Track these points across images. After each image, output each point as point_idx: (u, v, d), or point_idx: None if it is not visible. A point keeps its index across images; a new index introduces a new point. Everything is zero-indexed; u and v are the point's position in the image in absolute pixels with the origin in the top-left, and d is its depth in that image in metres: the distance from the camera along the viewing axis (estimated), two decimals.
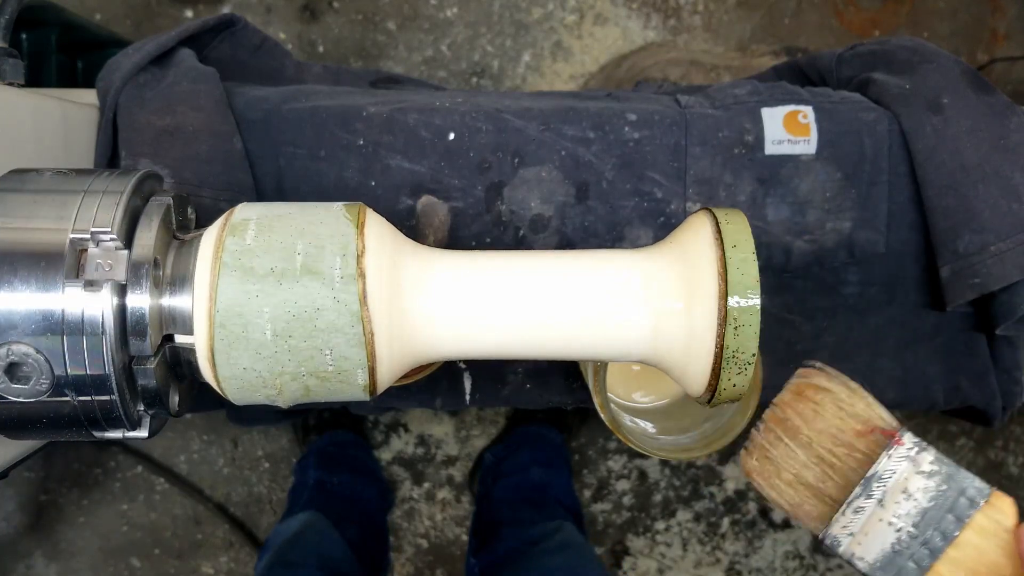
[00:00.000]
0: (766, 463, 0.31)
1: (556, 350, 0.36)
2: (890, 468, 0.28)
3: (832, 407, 0.29)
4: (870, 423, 0.29)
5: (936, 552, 0.28)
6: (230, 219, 0.34)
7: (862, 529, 0.28)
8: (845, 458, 0.29)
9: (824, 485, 0.29)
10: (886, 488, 0.28)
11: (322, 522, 0.93)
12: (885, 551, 0.28)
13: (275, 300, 0.33)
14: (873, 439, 0.29)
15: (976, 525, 0.28)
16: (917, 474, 0.28)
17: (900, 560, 0.28)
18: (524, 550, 0.86)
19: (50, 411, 0.33)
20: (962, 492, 0.28)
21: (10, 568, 1.25)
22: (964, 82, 0.55)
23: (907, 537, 0.28)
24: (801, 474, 0.29)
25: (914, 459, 0.28)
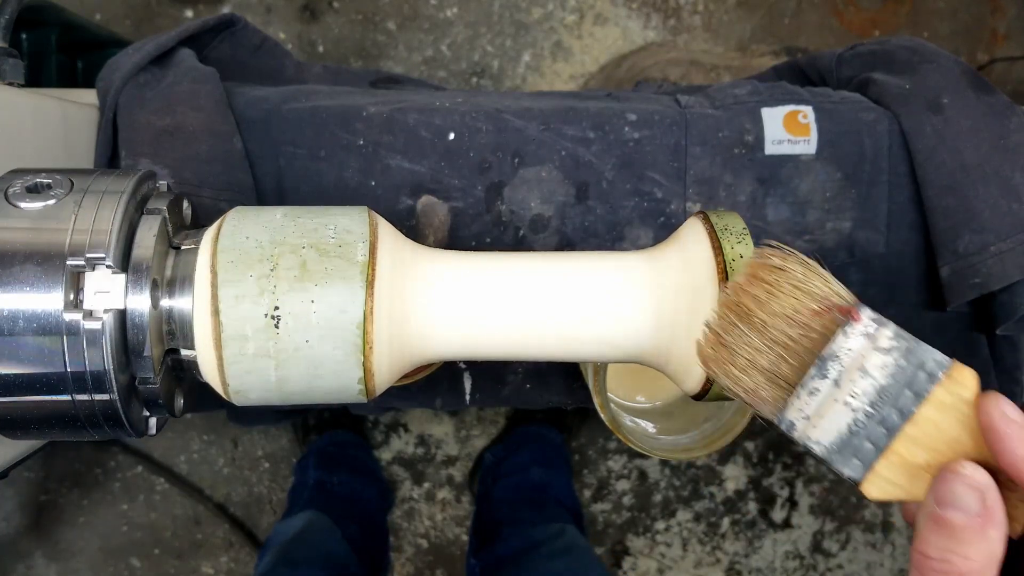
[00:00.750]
0: (721, 350, 0.29)
1: (556, 351, 0.36)
2: (846, 346, 0.26)
3: (787, 287, 0.27)
4: (826, 300, 0.27)
5: (893, 430, 0.26)
6: (227, 237, 0.34)
7: (817, 411, 0.27)
8: (800, 339, 0.27)
9: (779, 368, 0.27)
10: (842, 367, 0.26)
11: (324, 521, 0.94)
12: (841, 433, 0.27)
13: (277, 330, 0.33)
14: (830, 318, 0.27)
15: (935, 400, 0.26)
16: (875, 350, 0.26)
17: (857, 441, 0.27)
18: (526, 551, 0.86)
19: (50, 411, 0.33)
20: (921, 366, 0.26)
21: (10, 568, 1.25)
22: (964, 82, 0.55)
23: (864, 417, 0.27)
24: (755, 359, 0.28)
25: (872, 335, 0.26)
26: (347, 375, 0.34)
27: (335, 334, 0.33)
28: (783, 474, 1.29)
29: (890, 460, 0.27)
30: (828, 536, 1.30)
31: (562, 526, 0.90)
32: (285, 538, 0.89)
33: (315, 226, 0.34)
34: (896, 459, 0.27)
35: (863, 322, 0.27)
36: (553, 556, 0.84)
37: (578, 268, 0.36)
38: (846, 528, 1.30)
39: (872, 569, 1.31)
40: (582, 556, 0.84)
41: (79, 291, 0.32)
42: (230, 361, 0.33)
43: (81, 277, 0.32)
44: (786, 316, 0.28)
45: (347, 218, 0.35)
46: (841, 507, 1.29)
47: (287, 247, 0.33)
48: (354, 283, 0.33)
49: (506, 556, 0.88)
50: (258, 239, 0.33)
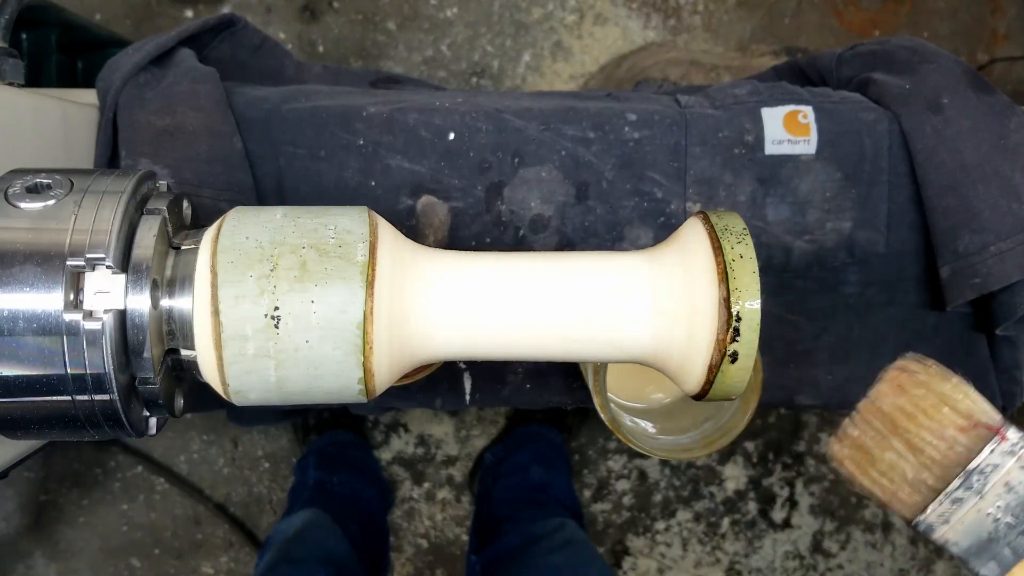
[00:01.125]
0: (859, 452, 0.30)
1: (556, 351, 0.36)
2: (992, 462, 0.28)
3: (933, 399, 0.29)
4: (972, 418, 0.29)
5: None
6: (227, 237, 0.34)
7: (959, 518, 0.29)
8: (946, 451, 0.29)
9: (921, 476, 0.29)
10: (987, 481, 0.28)
11: (325, 520, 0.93)
12: (981, 539, 0.29)
13: (278, 330, 0.33)
14: (976, 434, 0.28)
15: None
16: (1021, 468, 0.28)
17: (996, 547, 0.28)
18: (526, 547, 0.86)
19: (50, 411, 0.33)
20: None
21: (10, 568, 1.25)
22: (964, 82, 0.55)
23: (1005, 527, 0.28)
24: (898, 465, 0.29)
25: (1018, 454, 0.28)
26: (347, 375, 0.34)
27: (335, 334, 0.33)
28: (783, 474, 1.29)
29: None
30: (828, 536, 1.30)
31: (562, 520, 0.90)
32: (286, 536, 0.89)
33: (315, 226, 0.34)
34: None
35: (1011, 440, 0.28)
36: (553, 550, 0.84)
37: (578, 268, 0.36)
38: (846, 528, 1.30)
39: (872, 569, 1.31)
40: (582, 550, 0.84)
41: (79, 291, 0.32)
42: (230, 361, 0.33)
43: (81, 277, 0.32)
44: (931, 428, 0.29)
45: (347, 218, 0.35)
46: (841, 507, 1.29)
47: (287, 247, 0.33)
48: (354, 283, 0.33)
49: (506, 552, 0.88)
50: (258, 239, 0.33)
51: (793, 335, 0.58)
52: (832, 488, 1.29)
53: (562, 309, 0.35)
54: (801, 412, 1.27)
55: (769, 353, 0.58)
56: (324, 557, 0.86)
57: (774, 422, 1.28)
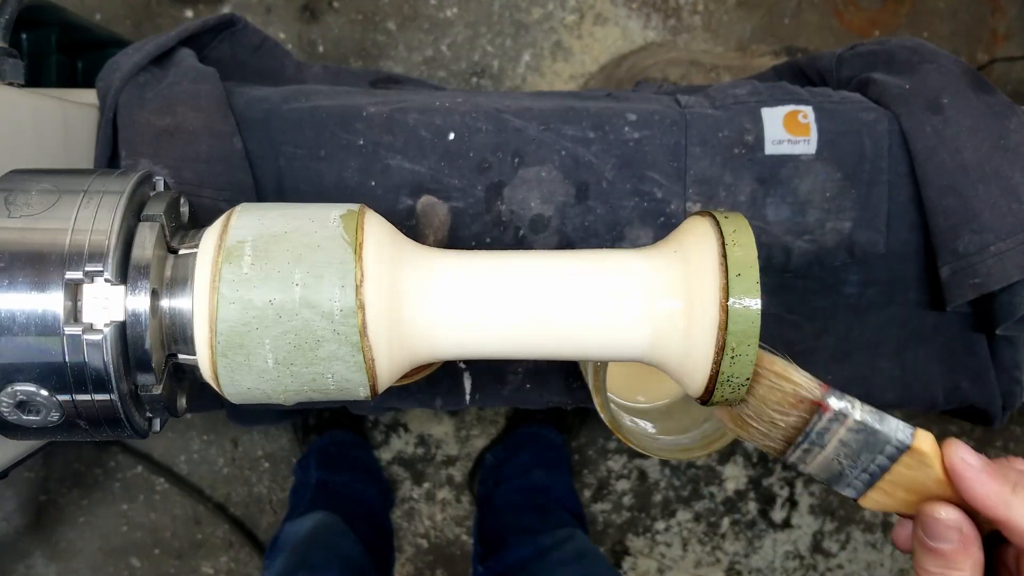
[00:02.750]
0: (727, 417, 0.38)
1: (556, 350, 0.36)
2: (822, 427, 0.35)
3: (767, 384, 0.35)
4: (798, 396, 0.35)
5: (876, 476, 0.35)
6: (225, 239, 0.34)
7: (813, 460, 0.36)
8: (787, 421, 0.35)
9: (775, 435, 0.36)
10: (824, 440, 0.35)
11: (337, 522, 0.93)
12: (834, 473, 0.36)
13: (275, 332, 0.33)
14: (805, 407, 0.35)
15: (904, 462, 0.34)
16: (847, 430, 0.35)
17: (848, 479, 0.36)
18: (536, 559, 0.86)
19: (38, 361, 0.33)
20: (887, 441, 0.34)
21: (10, 568, 1.25)
22: (964, 82, 0.55)
23: (848, 467, 0.35)
24: (759, 428, 0.36)
25: (842, 420, 0.35)
26: (345, 373, 0.34)
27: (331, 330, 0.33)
28: (783, 474, 1.29)
29: (876, 492, 0.36)
30: (828, 536, 1.30)
31: (570, 531, 0.90)
32: (297, 539, 0.89)
33: (312, 376, 0.34)
34: (881, 491, 0.35)
35: (833, 409, 0.34)
36: (564, 563, 0.83)
37: (578, 267, 0.36)
38: (846, 528, 1.30)
39: (872, 569, 1.31)
40: (595, 563, 0.84)
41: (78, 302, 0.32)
42: (228, 361, 0.33)
43: (79, 289, 0.32)
44: (771, 406, 0.35)
45: (343, 366, 0.35)
46: (841, 507, 1.29)
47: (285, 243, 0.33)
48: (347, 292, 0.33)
49: (515, 563, 0.88)
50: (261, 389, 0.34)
51: (793, 335, 0.58)
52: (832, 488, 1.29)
53: (562, 308, 0.35)
54: None
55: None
56: (340, 562, 0.86)
57: None
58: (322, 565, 0.83)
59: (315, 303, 0.33)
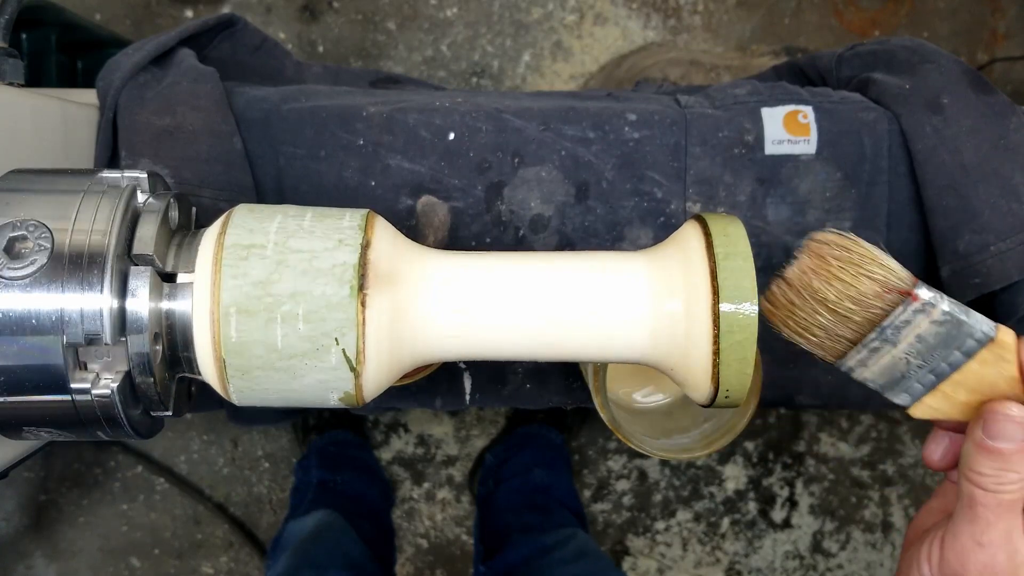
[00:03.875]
0: (786, 312, 0.34)
1: (555, 352, 0.36)
2: (905, 319, 0.32)
3: (851, 269, 0.33)
4: (887, 284, 0.33)
5: (942, 377, 0.33)
6: (224, 243, 0.34)
7: (876, 362, 0.33)
8: (864, 313, 0.33)
9: (842, 332, 0.33)
10: (899, 334, 0.33)
11: (339, 521, 0.93)
12: (894, 377, 0.34)
13: (277, 335, 0.33)
14: (891, 298, 0.32)
15: (980, 358, 0.33)
16: (930, 323, 0.32)
17: (907, 383, 0.34)
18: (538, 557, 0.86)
19: (50, 412, 0.33)
20: (970, 334, 0.32)
21: (10, 568, 1.25)
22: (964, 82, 0.55)
23: (915, 368, 0.33)
24: (822, 323, 0.33)
25: (927, 311, 0.32)
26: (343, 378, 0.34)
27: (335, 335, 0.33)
28: (783, 474, 1.29)
29: (935, 395, 0.34)
30: (828, 536, 1.30)
31: (572, 530, 0.90)
32: (300, 538, 0.89)
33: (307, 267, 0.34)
34: (941, 395, 0.34)
35: (921, 299, 0.32)
36: (567, 561, 0.83)
37: (578, 268, 0.36)
38: (846, 528, 1.30)
39: (872, 569, 1.31)
40: (598, 560, 0.84)
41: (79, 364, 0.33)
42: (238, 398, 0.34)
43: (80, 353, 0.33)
44: (850, 296, 0.33)
45: (341, 253, 0.34)
46: (841, 507, 1.29)
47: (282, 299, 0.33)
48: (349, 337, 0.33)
49: (517, 563, 0.88)
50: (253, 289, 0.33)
51: None
52: (832, 488, 1.29)
53: (561, 309, 0.35)
54: (801, 412, 1.27)
55: (769, 353, 0.58)
56: (343, 560, 0.86)
57: (774, 422, 1.28)
58: (325, 563, 0.83)
59: (317, 305, 0.33)
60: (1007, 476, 0.32)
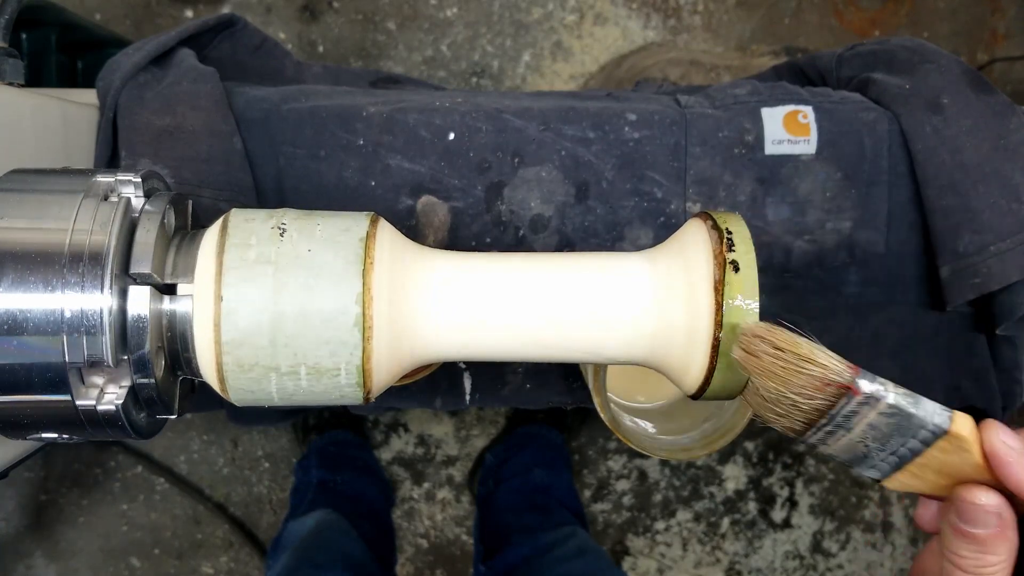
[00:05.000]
0: (752, 398, 0.34)
1: (555, 351, 0.36)
2: (850, 410, 0.32)
3: (785, 365, 0.32)
4: (824, 379, 0.32)
5: (904, 459, 0.33)
6: (222, 245, 0.33)
7: (835, 442, 0.33)
8: (809, 403, 0.32)
9: (796, 416, 0.33)
10: (851, 423, 0.32)
11: (339, 520, 0.93)
12: (858, 455, 0.33)
13: (277, 337, 0.33)
14: (832, 390, 0.32)
15: (939, 447, 0.32)
16: (878, 415, 0.32)
17: (872, 460, 0.33)
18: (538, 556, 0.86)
19: (50, 411, 0.33)
20: (923, 425, 0.32)
21: (10, 568, 1.25)
22: (964, 82, 0.55)
23: (875, 450, 0.33)
24: (777, 411, 0.33)
25: (873, 405, 0.32)
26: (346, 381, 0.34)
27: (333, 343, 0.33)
28: (783, 474, 1.29)
29: (905, 473, 0.33)
30: (828, 536, 1.30)
31: (572, 529, 0.90)
32: (301, 537, 0.89)
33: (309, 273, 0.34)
34: (909, 473, 0.33)
35: (864, 393, 0.32)
36: (567, 559, 0.83)
37: (578, 269, 0.36)
38: (846, 528, 1.30)
39: (872, 569, 1.31)
40: (598, 558, 0.84)
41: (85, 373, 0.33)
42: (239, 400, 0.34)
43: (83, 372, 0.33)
44: (794, 389, 0.32)
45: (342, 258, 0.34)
46: (841, 507, 1.29)
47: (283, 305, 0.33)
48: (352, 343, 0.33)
49: (517, 562, 0.88)
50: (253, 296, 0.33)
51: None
52: (832, 488, 1.29)
53: (562, 310, 0.35)
54: None
55: None
56: (344, 560, 0.86)
57: None
58: (326, 563, 0.83)
59: (317, 307, 0.33)
60: (986, 559, 0.32)
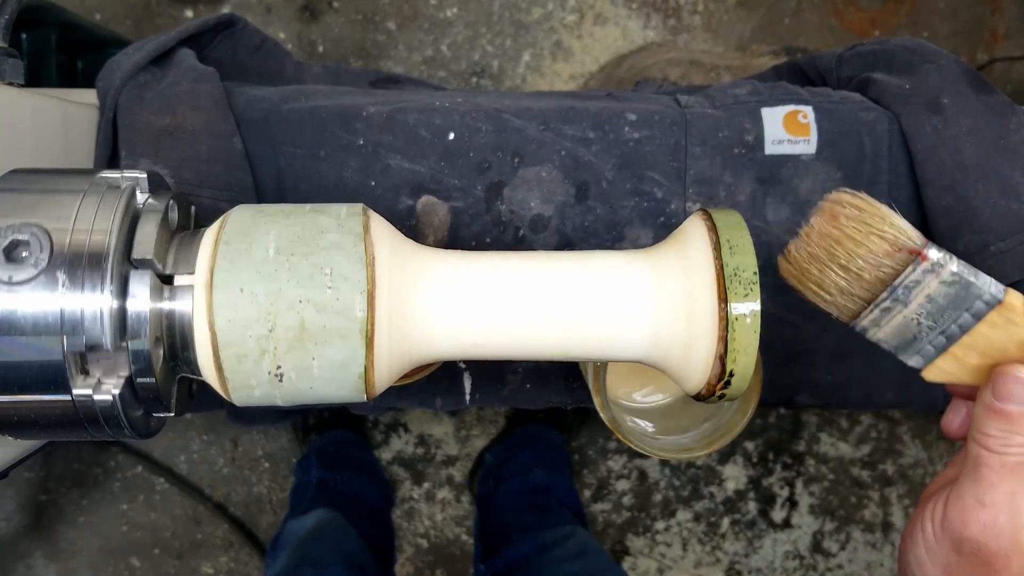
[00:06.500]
0: (802, 271, 0.35)
1: (556, 351, 0.36)
2: (915, 279, 0.33)
3: (863, 228, 0.33)
4: (897, 243, 0.33)
5: (952, 339, 0.34)
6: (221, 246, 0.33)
7: (888, 323, 0.34)
8: (875, 272, 0.34)
9: (855, 291, 0.34)
10: (911, 294, 0.33)
11: (339, 520, 0.93)
12: (907, 338, 0.34)
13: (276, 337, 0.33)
14: (901, 257, 0.33)
15: (989, 320, 0.33)
16: (940, 283, 0.33)
17: (919, 344, 0.34)
18: (538, 555, 0.86)
19: (50, 411, 0.33)
20: (979, 296, 0.33)
21: (10, 568, 1.25)
22: (964, 82, 0.55)
23: (926, 329, 0.34)
24: (836, 282, 0.34)
25: (937, 271, 0.33)
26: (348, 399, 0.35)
27: (338, 383, 0.34)
28: (783, 474, 1.29)
29: (947, 358, 0.34)
30: (828, 536, 1.30)
31: (572, 528, 0.90)
32: (300, 536, 0.89)
33: (310, 270, 0.33)
34: (952, 358, 0.34)
35: (931, 260, 0.33)
36: (567, 559, 0.83)
37: (578, 268, 0.36)
38: (846, 528, 1.30)
39: (872, 569, 1.31)
40: (598, 558, 0.84)
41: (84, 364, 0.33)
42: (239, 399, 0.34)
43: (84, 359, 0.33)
44: (862, 255, 0.34)
45: (343, 256, 0.33)
46: (841, 507, 1.29)
47: (283, 302, 0.33)
48: (354, 342, 0.33)
49: (517, 561, 0.88)
50: (253, 291, 0.33)
51: (793, 335, 0.58)
52: (832, 488, 1.29)
53: (562, 309, 0.35)
54: (801, 412, 1.27)
55: (769, 353, 0.58)
56: (343, 558, 0.86)
57: (774, 422, 1.28)
58: (325, 561, 0.83)
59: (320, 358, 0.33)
60: (1014, 439, 0.33)
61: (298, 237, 0.34)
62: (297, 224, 0.35)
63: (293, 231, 0.34)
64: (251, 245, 0.34)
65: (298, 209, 0.36)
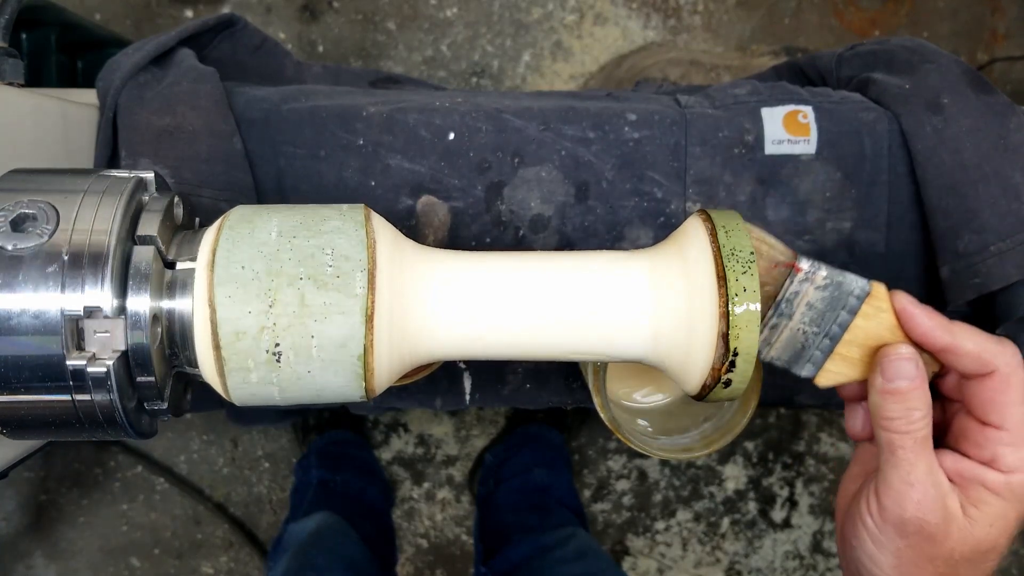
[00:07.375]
0: None
1: (555, 350, 0.36)
2: (793, 290, 0.36)
3: None
4: (772, 259, 0.36)
5: (836, 340, 0.36)
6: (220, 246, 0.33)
7: (778, 339, 0.36)
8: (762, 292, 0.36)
9: None
10: (792, 306, 0.36)
11: (340, 523, 0.93)
12: (796, 349, 0.37)
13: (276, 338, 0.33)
14: (777, 272, 0.36)
15: (863, 313, 0.36)
16: (815, 289, 0.36)
17: (808, 353, 0.37)
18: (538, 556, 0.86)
19: (50, 411, 0.33)
20: (850, 293, 0.36)
21: (10, 568, 1.25)
22: (964, 82, 0.55)
23: (812, 336, 0.36)
24: None
25: (811, 279, 0.36)
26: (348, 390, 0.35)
27: (336, 364, 0.33)
28: (783, 474, 1.29)
29: (834, 359, 0.37)
30: (828, 536, 1.30)
31: (572, 530, 0.90)
32: (301, 540, 0.89)
33: (311, 250, 0.33)
34: (839, 358, 0.37)
35: (804, 270, 0.36)
36: (567, 560, 0.83)
37: (578, 268, 0.36)
38: None
39: None
40: (598, 559, 0.84)
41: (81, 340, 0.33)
42: (234, 387, 0.34)
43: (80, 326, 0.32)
44: None
45: (344, 239, 0.34)
46: None
47: (284, 278, 0.33)
48: (354, 318, 0.33)
49: (517, 563, 0.88)
50: (254, 268, 0.33)
51: None
52: (832, 488, 1.29)
53: (562, 309, 0.35)
54: (801, 412, 1.27)
55: None
56: (344, 563, 0.86)
57: (774, 422, 1.28)
58: (326, 567, 0.84)
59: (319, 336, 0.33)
60: (914, 414, 0.35)
61: (300, 223, 0.34)
62: (300, 213, 0.35)
63: (295, 219, 0.34)
64: (254, 229, 0.34)
65: (300, 206, 0.36)
